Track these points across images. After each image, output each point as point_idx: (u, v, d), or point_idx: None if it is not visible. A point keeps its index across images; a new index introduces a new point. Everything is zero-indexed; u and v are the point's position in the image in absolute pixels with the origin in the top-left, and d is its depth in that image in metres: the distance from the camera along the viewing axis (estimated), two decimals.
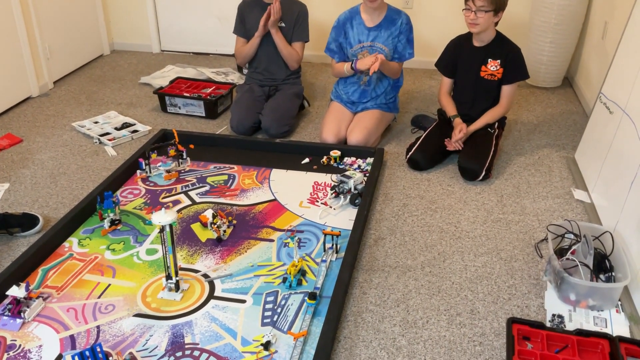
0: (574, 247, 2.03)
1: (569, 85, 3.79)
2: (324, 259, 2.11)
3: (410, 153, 2.72)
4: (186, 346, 1.74)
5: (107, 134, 3.06)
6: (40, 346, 1.74)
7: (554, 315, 1.85)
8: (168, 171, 2.65)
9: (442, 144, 2.72)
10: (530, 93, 3.65)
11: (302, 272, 2.04)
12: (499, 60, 2.69)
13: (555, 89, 3.72)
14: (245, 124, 2.99)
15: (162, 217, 1.80)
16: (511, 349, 1.58)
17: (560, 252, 2.03)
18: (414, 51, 2.91)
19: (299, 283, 1.99)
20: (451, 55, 2.83)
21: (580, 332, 1.66)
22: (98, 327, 1.81)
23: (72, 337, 1.77)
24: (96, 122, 3.20)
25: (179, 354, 1.72)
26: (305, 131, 3.14)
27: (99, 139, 2.99)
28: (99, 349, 1.59)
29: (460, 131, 2.67)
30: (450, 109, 2.80)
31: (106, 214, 2.27)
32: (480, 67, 2.72)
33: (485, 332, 1.80)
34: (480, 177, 2.58)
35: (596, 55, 3.34)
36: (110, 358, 1.64)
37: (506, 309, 1.89)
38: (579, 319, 1.84)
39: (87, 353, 1.57)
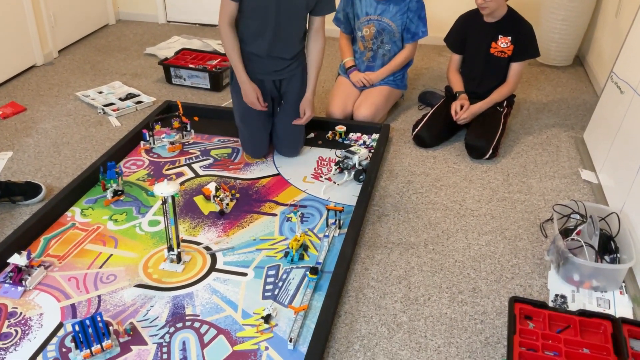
0: (579, 228, 2.00)
1: (580, 64, 3.72)
2: (326, 234, 2.10)
3: (416, 130, 2.69)
4: (187, 317, 1.74)
5: (111, 104, 3.04)
6: (41, 314, 1.74)
7: (556, 295, 1.84)
8: (172, 143, 2.63)
9: (449, 121, 2.68)
10: (540, 71, 3.59)
11: (304, 247, 2.03)
12: (509, 37, 2.63)
13: (565, 68, 3.66)
14: (261, 152, 2.57)
15: (165, 189, 1.79)
16: (512, 327, 1.57)
17: (566, 233, 2.01)
18: (427, 29, 2.85)
19: (301, 258, 1.98)
20: (460, 31, 2.77)
21: (582, 313, 1.65)
22: (99, 296, 1.82)
23: (73, 306, 1.78)
24: (100, 92, 3.17)
25: (179, 325, 1.72)
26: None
27: (103, 109, 2.97)
28: (99, 318, 1.59)
29: (462, 106, 2.62)
30: (457, 85, 2.75)
31: (109, 185, 2.26)
32: (490, 43, 2.67)
33: (486, 311, 1.79)
34: (487, 156, 2.55)
35: (609, 33, 3.27)
36: (111, 327, 1.64)
37: (509, 288, 1.88)
38: (581, 300, 1.82)
39: (88, 322, 1.57)
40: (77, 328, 1.56)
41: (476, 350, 1.65)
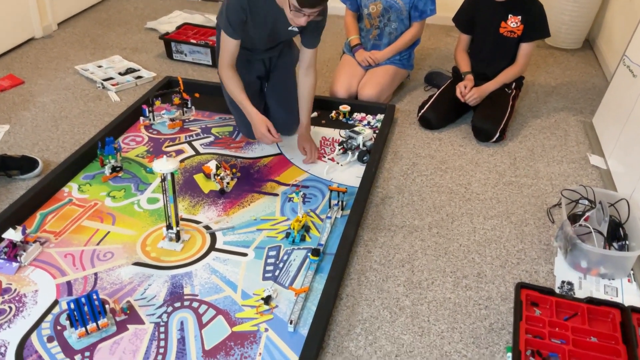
0: (587, 214, 1.96)
1: (590, 48, 3.65)
2: (328, 215, 2.05)
3: (422, 111, 2.63)
4: (185, 297, 1.71)
5: (111, 78, 2.98)
6: (36, 291, 1.70)
7: (563, 282, 1.80)
8: (172, 120, 2.57)
9: (456, 102, 2.62)
10: (549, 54, 3.52)
11: (305, 228, 1.99)
12: (519, 17, 2.56)
13: (575, 51, 3.58)
14: None
15: (164, 165, 1.74)
16: (519, 314, 1.53)
17: (574, 218, 1.97)
18: (435, 7, 2.77)
19: (302, 239, 1.94)
20: (470, 10, 2.70)
21: (591, 301, 1.61)
22: (96, 274, 1.78)
23: (68, 283, 1.74)
24: (100, 66, 3.10)
25: (177, 304, 1.68)
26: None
27: (102, 84, 2.91)
28: (95, 296, 1.55)
29: (466, 87, 2.56)
30: (464, 65, 2.68)
31: (107, 160, 2.21)
32: (500, 23, 2.59)
33: (491, 296, 1.75)
34: (494, 139, 2.50)
35: (622, 16, 3.19)
36: (107, 306, 1.61)
37: (514, 273, 1.84)
38: (589, 287, 1.79)
39: (83, 300, 1.53)
40: (72, 306, 1.53)
41: (480, 336, 1.62)
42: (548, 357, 1.46)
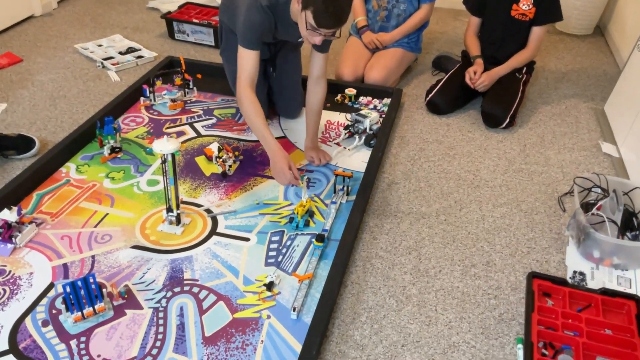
0: (600, 202, 1.90)
1: (601, 34, 3.56)
2: (333, 200, 1.99)
3: (430, 95, 2.56)
4: (185, 282, 1.65)
5: (111, 58, 2.91)
6: (32, 273, 1.65)
7: (575, 272, 1.74)
8: (173, 100, 2.51)
9: (465, 87, 2.55)
10: (559, 40, 3.44)
11: (310, 213, 1.93)
12: None
13: (585, 37, 3.50)
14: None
15: (164, 146, 1.67)
16: (531, 304, 1.48)
17: (586, 207, 1.91)
18: None
19: (307, 224, 1.88)
20: None
21: (605, 292, 1.56)
22: (93, 257, 1.72)
23: (65, 265, 1.69)
24: (100, 45, 3.03)
25: (177, 289, 1.63)
26: None
27: (102, 63, 2.84)
28: (91, 280, 1.50)
29: (476, 72, 2.49)
30: (474, 49, 2.61)
31: (106, 141, 2.15)
32: (512, 5, 2.52)
33: (501, 286, 1.70)
34: (504, 125, 2.43)
35: (635, 2, 3.11)
36: (104, 290, 1.55)
37: (524, 262, 1.78)
38: (601, 278, 1.73)
39: (80, 283, 1.48)
40: (68, 289, 1.47)
41: (489, 327, 1.56)
42: (561, 349, 1.40)
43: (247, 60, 1.93)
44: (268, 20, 1.92)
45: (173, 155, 1.70)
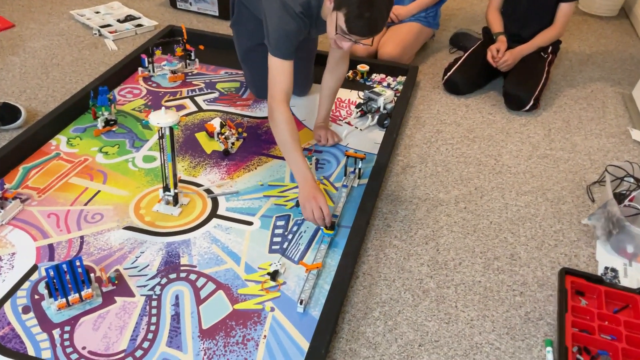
0: (634, 193, 1.75)
1: (625, 17, 3.38)
2: (344, 183, 1.84)
3: (448, 74, 2.39)
4: (182, 268, 1.51)
5: (109, 25, 2.74)
6: (14, 254, 1.51)
7: (606, 268, 1.60)
8: (173, 72, 2.34)
9: (486, 66, 2.39)
10: (582, 21, 3.26)
11: None
12: None
13: (610, 19, 3.32)
14: (266, 93, 2.09)
15: (162, 118, 1.52)
16: (564, 304, 1.33)
17: (617, 198, 1.76)
18: None
19: None
20: None
21: None
22: (82, 237, 1.58)
23: (50, 246, 1.54)
24: (97, 12, 2.86)
25: (172, 275, 1.49)
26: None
27: (99, 31, 2.67)
28: (78, 263, 1.35)
29: (499, 50, 2.32)
30: (497, 26, 2.43)
31: (100, 112, 1.99)
32: None
33: (527, 282, 1.55)
34: (527, 107, 2.27)
35: None
36: (92, 274, 1.41)
37: (552, 256, 1.64)
38: (635, 275, 1.58)
39: (65, 267, 1.33)
40: (51, 273, 1.33)
41: (515, 327, 1.42)
42: (597, 355, 1.26)
43: (281, 72, 1.69)
44: (304, 26, 1.71)
45: (171, 128, 1.55)
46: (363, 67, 2.44)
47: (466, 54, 2.44)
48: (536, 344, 1.38)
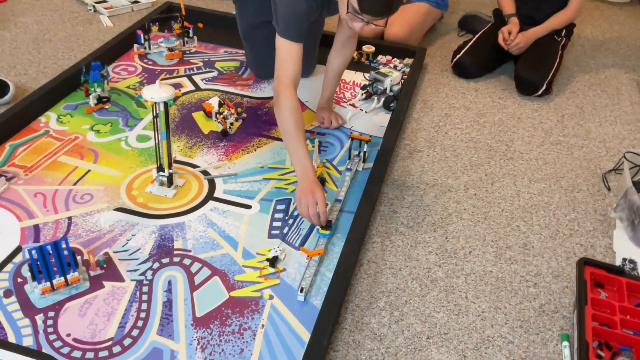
0: None
1: (639, 3, 3.28)
2: (348, 167, 1.75)
3: (457, 56, 2.30)
4: (175, 252, 1.42)
5: (104, 1, 2.63)
6: None
7: (624, 259, 1.51)
8: (170, 49, 2.24)
9: (497, 49, 2.29)
10: (594, 7, 3.15)
11: (321, 180, 1.68)
12: None
13: (622, 5, 3.22)
14: (267, 72, 2.12)
15: (156, 92, 1.42)
16: (584, 296, 1.24)
17: (635, 186, 1.67)
18: None
19: None
20: None
21: None
22: (70, 218, 1.48)
23: (36, 227, 1.45)
24: None
25: (165, 260, 1.40)
26: (333, 21, 2.68)
27: (94, 6, 2.57)
28: (63, 245, 1.26)
29: (511, 32, 2.22)
30: (508, 7, 2.33)
31: (92, 89, 1.89)
32: None
33: (541, 272, 1.46)
34: (540, 92, 2.17)
35: None
36: (80, 257, 1.32)
37: (567, 246, 1.55)
38: None
39: (49, 248, 1.24)
40: (35, 255, 1.24)
41: (529, 319, 1.34)
42: (619, 351, 1.18)
43: (290, 56, 1.57)
44: (316, 7, 1.61)
45: (166, 104, 1.45)
46: (369, 48, 2.34)
47: (476, 36, 2.34)
48: (552, 338, 1.30)
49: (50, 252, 1.25)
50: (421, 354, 1.24)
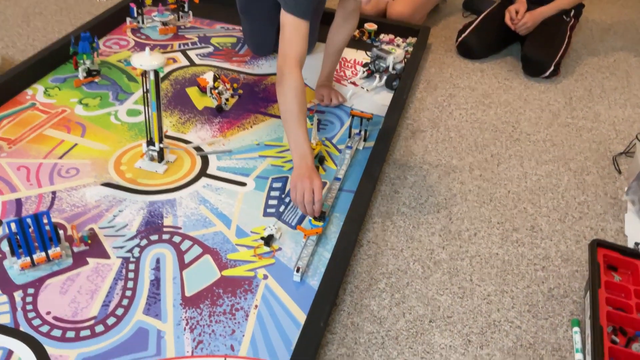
0: None
1: None
2: (349, 145, 1.67)
3: (462, 36, 2.22)
4: (165, 229, 1.34)
5: None
6: None
7: (637, 243, 1.44)
8: (164, 24, 2.16)
9: (503, 29, 2.21)
10: None
11: (320, 159, 1.61)
12: None
13: None
14: (265, 49, 2.07)
15: (145, 60, 1.34)
16: (597, 279, 1.17)
17: None
18: None
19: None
20: None
21: None
22: (54, 192, 1.41)
23: (18, 201, 1.37)
24: None
25: (154, 237, 1.32)
26: None
27: None
28: (45, 218, 1.18)
29: (518, 12, 2.14)
30: None
31: (81, 61, 1.81)
32: None
33: (549, 255, 1.39)
34: (547, 73, 2.10)
35: None
36: (62, 232, 1.24)
37: (576, 229, 1.48)
38: None
39: (29, 221, 1.17)
40: (13, 228, 1.16)
41: (537, 304, 1.27)
42: (635, 337, 1.11)
43: (297, 33, 1.48)
44: None
45: (157, 72, 1.37)
46: (371, 26, 2.26)
47: (482, 15, 2.26)
48: (561, 323, 1.23)
49: (30, 225, 1.17)
50: (423, 338, 1.17)
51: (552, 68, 2.08)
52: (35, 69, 1.80)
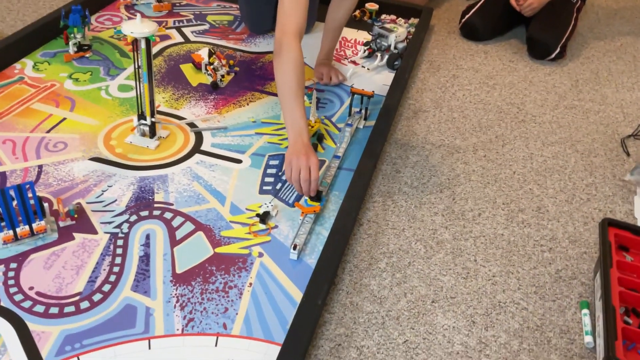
0: None
1: None
2: (349, 122, 1.61)
3: (466, 16, 2.16)
4: (155, 205, 1.28)
5: None
6: None
7: None
8: (159, 1, 2.10)
9: (508, 10, 2.15)
10: None
11: (318, 137, 1.56)
12: None
13: None
14: (262, 27, 2.03)
15: (136, 27, 1.28)
16: (608, 258, 1.12)
17: None
18: None
19: (314, 149, 1.50)
20: None
21: None
22: (40, 166, 1.35)
23: (3, 174, 1.31)
24: None
25: (144, 213, 1.26)
26: None
27: None
28: (29, 189, 1.12)
29: None
30: None
31: (72, 34, 1.74)
32: None
33: (556, 237, 1.34)
34: (553, 55, 2.04)
35: None
36: (48, 205, 1.18)
37: (584, 211, 1.42)
38: None
39: (12, 193, 1.11)
40: None
41: (544, 285, 1.21)
42: None
43: (297, 5, 1.41)
44: None
45: (148, 40, 1.31)
46: (372, 6, 2.20)
47: None
48: (569, 305, 1.17)
49: (13, 196, 1.11)
50: (425, 318, 1.11)
51: (557, 50, 2.02)
52: (24, 43, 1.74)
